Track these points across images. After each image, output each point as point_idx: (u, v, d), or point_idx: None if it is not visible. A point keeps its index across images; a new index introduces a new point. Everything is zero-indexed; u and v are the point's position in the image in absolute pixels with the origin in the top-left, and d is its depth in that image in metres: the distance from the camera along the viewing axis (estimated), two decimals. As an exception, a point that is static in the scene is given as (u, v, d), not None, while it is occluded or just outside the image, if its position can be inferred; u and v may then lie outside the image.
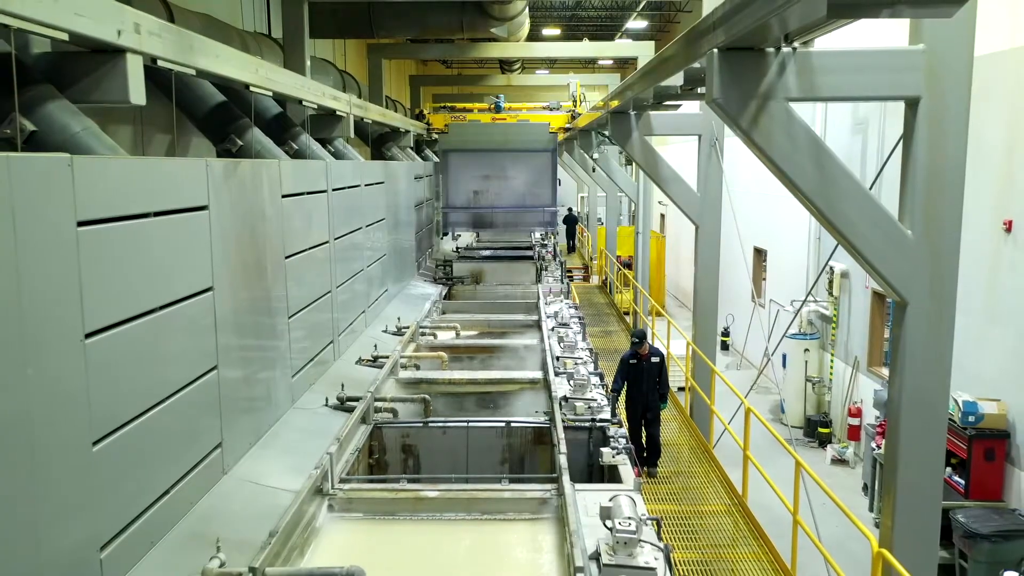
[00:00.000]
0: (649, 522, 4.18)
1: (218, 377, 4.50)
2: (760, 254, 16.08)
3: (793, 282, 13.49)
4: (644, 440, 8.81)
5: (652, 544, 3.91)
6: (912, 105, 4.05)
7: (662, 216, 24.21)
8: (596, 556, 3.82)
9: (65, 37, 3.34)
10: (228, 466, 4.62)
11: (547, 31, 22.53)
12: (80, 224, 3.13)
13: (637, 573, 3.66)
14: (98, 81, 3.85)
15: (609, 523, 3.94)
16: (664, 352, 9.06)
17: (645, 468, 8.55)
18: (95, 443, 3.23)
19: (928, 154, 4.03)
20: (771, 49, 3.82)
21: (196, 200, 4.27)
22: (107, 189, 3.35)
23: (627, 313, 16.78)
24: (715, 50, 3.84)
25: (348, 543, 4.34)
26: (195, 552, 3.72)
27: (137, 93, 3.92)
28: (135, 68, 3.89)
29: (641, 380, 8.73)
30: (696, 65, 4.79)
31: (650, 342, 8.99)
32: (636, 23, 22.08)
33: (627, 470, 5.13)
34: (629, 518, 3.92)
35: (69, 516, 3.05)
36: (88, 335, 3.17)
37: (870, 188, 4.54)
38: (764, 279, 16.05)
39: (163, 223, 3.85)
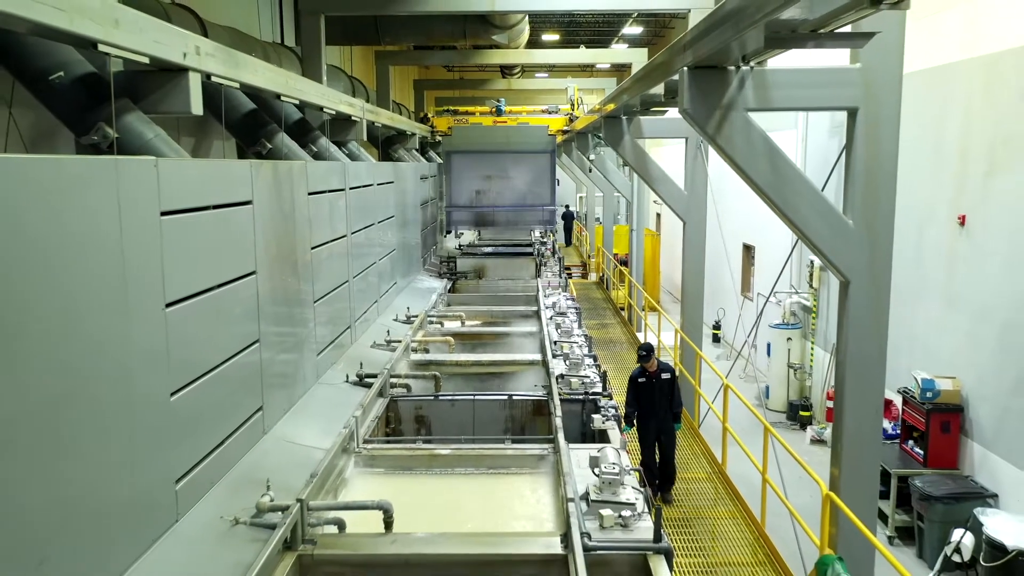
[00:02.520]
0: (632, 472, 4.89)
1: (259, 350, 5.20)
2: (749, 250, 16.80)
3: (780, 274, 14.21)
4: (658, 463, 8.25)
5: (634, 488, 4.63)
6: (852, 115, 4.77)
7: (658, 215, 24.92)
8: (585, 496, 4.53)
9: (146, 60, 4.05)
10: (268, 427, 5.32)
11: (546, 36, 23.23)
12: (163, 214, 3.83)
13: (619, 507, 4.36)
14: (165, 95, 4.54)
15: (597, 470, 4.65)
16: (675, 368, 8.51)
17: (659, 494, 7.91)
18: (172, 394, 3.93)
19: (866, 156, 4.74)
20: (732, 67, 4.53)
21: (243, 196, 4.96)
22: (181, 186, 4.06)
23: (622, 308, 17.49)
24: (685, 68, 4.56)
25: (373, 490, 5.03)
26: (247, 492, 4.41)
27: (196, 105, 4.62)
28: (195, 84, 4.59)
29: (653, 400, 8.15)
30: (675, 78, 5.48)
31: (658, 357, 8.47)
32: (632, 29, 22.78)
33: (615, 434, 5.82)
34: (614, 463, 4.63)
35: (154, 453, 3.75)
36: (168, 304, 3.88)
37: (824, 185, 5.25)
38: (752, 275, 16.78)
39: (219, 215, 4.55)
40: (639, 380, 8.28)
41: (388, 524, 4.23)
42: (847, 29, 4.14)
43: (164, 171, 3.83)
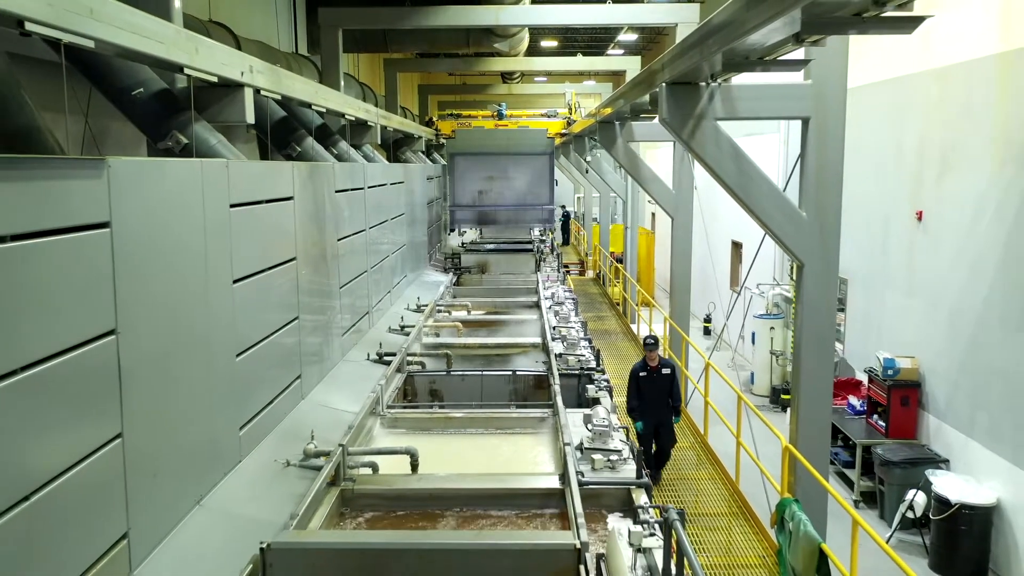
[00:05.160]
0: (620, 428, 5.70)
1: (298, 326, 6.02)
2: (737, 247, 17.65)
3: (764, 270, 15.07)
4: (654, 453, 8.50)
5: (621, 440, 5.45)
6: (805, 123, 5.61)
7: (653, 215, 25.75)
8: (580, 446, 5.35)
9: (215, 79, 4.88)
10: (305, 393, 6.13)
11: (545, 43, 24.05)
12: (231, 206, 4.66)
13: (608, 452, 5.18)
14: (224, 107, 5.34)
15: (590, 424, 5.47)
16: (676, 364, 8.79)
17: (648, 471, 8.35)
18: (238, 355, 4.75)
19: (817, 158, 5.57)
20: (703, 83, 5.36)
21: (287, 192, 5.79)
22: (244, 183, 4.89)
23: (618, 303, 18.33)
24: (664, 84, 5.39)
25: (397, 445, 5.85)
26: (293, 443, 5.22)
27: (250, 115, 5.43)
28: (249, 97, 5.41)
29: (652, 393, 8.49)
30: (657, 89, 6.32)
31: (660, 353, 8.76)
32: (627, 36, 23.62)
33: (607, 401, 6.64)
34: (604, 419, 5.45)
35: (223, 405, 4.55)
36: (235, 281, 4.70)
37: (787, 183, 6.09)
38: (740, 270, 17.62)
39: (269, 208, 5.38)
40: (640, 374, 8.57)
41: (414, 466, 5.04)
42: (799, 55, 4.98)
43: (232, 171, 4.67)
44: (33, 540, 2.77)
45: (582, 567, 3.39)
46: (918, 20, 3.15)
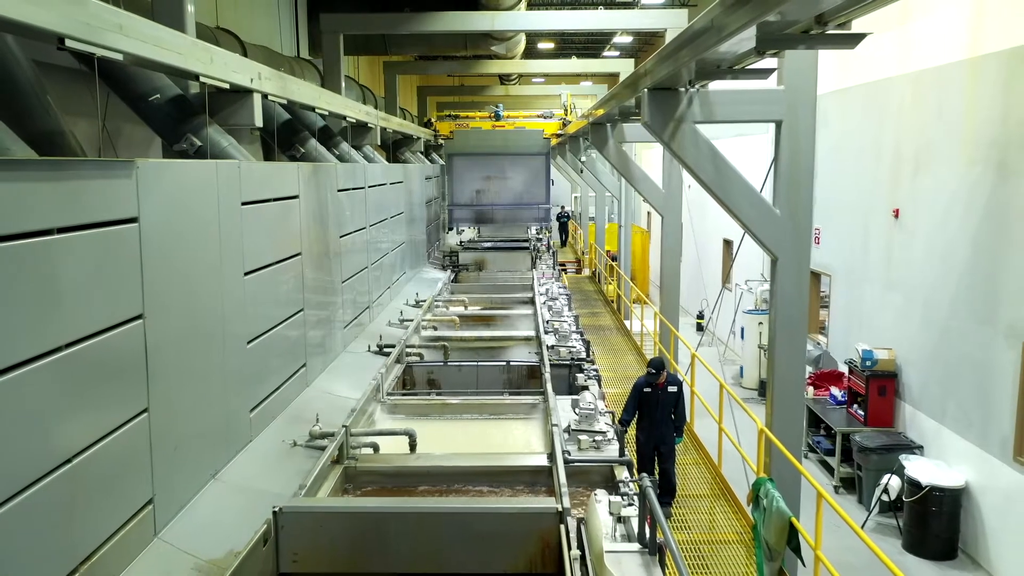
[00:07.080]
0: (607, 412, 6.07)
1: (303, 318, 6.39)
2: (728, 245, 18.03)
3: (754, 267, 15.46)
4: (657, 476, 7.80)
5: (607, 423, 5.81)
6: (778, 126, 5.98)
7: (648, 214, 26.13)
8: (568, 428, 5.71)
9: (227, 86, 5.24)
10: (310, 381, 6.49)
11: (542, 45, 24.42)
12: (242, 204, 5.02)
13: (594, 434, 5.55)
14: (234, 111, 5.70)
15: (577, 409, 5.83)
16: (683, 380, 8.30)
17: None
18: (248, 343, 5.12)
19: (789, 159, 5.95)
20: (682, 89, 5.73)
21: (292, 191, 6.15)
22: (254, 182, 5.25)
23: (612, 300, 18.70)
24: (646, 89, 5.76)
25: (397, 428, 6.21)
26: (299, 425, 5.57)
27: (258, 119, 5.79)
28: (257, 102, 5.78)
29: (654, 410, 7.93)
30: (640, 94, 6.70)
31: (669, 371, 8.22)
32: (622, 38, 24.00)
33: (595, 388, 7.01)
34: (591, 403, 5.82)
35: (235, 388, 4.90)
36: (246, 273, 5.07)
37: (764, 182, 6.48)
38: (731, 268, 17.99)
39: (276, 206, 5.75)
40: (644, 389, 8.01)
41: (413, 446, 5.41)
42: (772, 63, 5.36)
43: (244, 171, 5.04)
44: (74, 499, 3.14)
45: (563, 527, 3.76)
46: (859, 37, 3.52)
